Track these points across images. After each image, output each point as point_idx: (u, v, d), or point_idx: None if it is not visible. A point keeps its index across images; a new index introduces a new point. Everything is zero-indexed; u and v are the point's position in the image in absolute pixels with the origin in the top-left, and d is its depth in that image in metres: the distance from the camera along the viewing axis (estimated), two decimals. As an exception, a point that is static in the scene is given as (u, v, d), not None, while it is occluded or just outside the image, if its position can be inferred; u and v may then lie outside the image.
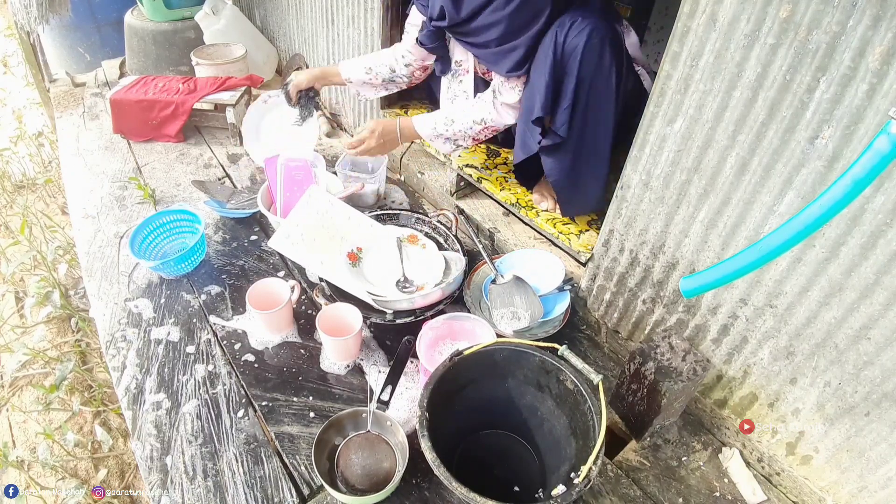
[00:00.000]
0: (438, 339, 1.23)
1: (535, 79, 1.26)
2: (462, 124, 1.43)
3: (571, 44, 1.17)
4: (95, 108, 2.27)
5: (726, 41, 0.88)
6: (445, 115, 1.46)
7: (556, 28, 1.19)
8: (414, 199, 1.84)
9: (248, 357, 1.25)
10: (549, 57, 1.19)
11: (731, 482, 1.09)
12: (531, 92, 1.28)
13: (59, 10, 2.18)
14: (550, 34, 1.20)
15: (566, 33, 1.17)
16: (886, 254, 0.81)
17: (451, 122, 1.45)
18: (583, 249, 1.39)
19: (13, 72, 3.45)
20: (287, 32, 2.39)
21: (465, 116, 1.43)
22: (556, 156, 1.30)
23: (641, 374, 1.07)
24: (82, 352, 1.89)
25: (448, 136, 1.46)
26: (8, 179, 2.64)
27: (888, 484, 0.94)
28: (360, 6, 1.77)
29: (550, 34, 1.20)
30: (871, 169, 0.61)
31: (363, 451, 1.05)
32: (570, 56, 1.18)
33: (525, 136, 1.33)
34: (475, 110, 1.42)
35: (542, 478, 1.04)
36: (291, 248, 1.33)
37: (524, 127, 1.32)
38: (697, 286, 0.82)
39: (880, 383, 0.89)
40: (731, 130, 0.93)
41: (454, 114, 1.45)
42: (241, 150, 2.04)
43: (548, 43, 1.21)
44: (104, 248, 1.56)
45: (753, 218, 0.95)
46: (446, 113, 1.46)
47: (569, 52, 1.18)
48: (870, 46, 0.74)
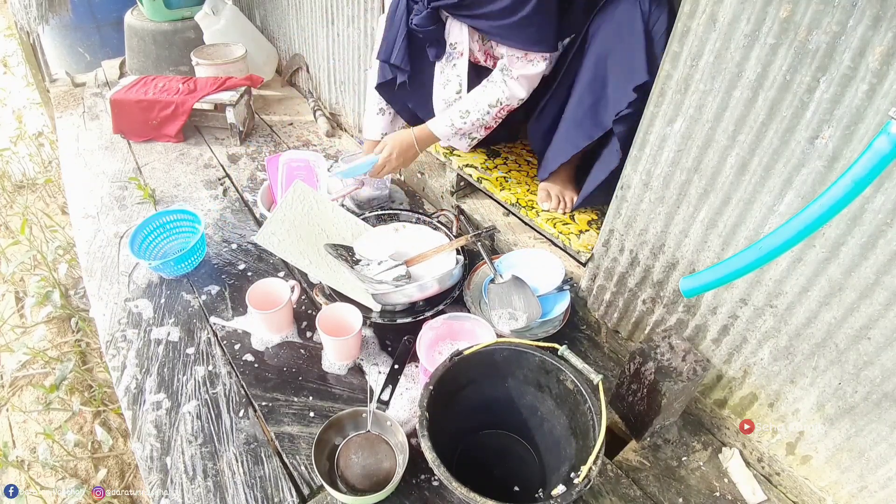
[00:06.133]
0: (438, 339, 1.23)
1: (614, 51, 1.23)
2: (478, 113, 1.42)
3: (655, 14, 1.18)
4: (95, 108, 2.27)
5: (726, 41, 0.88)
6: (458, 109, 1.45)
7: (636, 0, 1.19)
8: (414, 200, 1.84)
9: (248, 357, 1.25)
10: (637, 26, 1.18)
11: (731, 482, 1.09)
12: (605, 68, 1.25)
13: (59, 10, 2.18)
14: (628, 5, 1.19)
15: (649, 2, 1.18)
16: (886, 254, 0.81)
17: (467, 114, 1.44)
18: (583, 249, 1.39)
19: (13, 72, 3.45)
20: (287, 32, 2.39)
21: (478, 104, 1.42)
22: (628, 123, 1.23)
23: (641, 374, 1.07)
24: (82, 352, 1.89)
25: (466, 129, 1.46)
26: (8, 179, 2.64)
27: (888, 484, 0.94)
28: (360, 6, 1.78)
29: (628, 5, 1.19)
30: (871, 169, 0.61)
31: (363, 451, 1.05)
32: (656, 25, 1.18)
33: (596, 115, 1.29)
34: (488, 94, 1.41)
35: (542, 478, 1.04)
36: (278, 245, 1.31)
37: (592, 107, 1.29)
38: (697, 286, 0.82)
39: (880, 383, 0.89)
40: (731, 130, 0.93)
41: (466, 105, 1.44)
42: (241, 149, 2.05)
43: (630, 14, 1.19)
44: (104, 248, 1.56)
45: (753, 218, 0.95)
46: (458, 107, 1.45)
47: (654, 21, 1.18)
48: (870, 46, 0.74)
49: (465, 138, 1.48)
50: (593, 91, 1.29)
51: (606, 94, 1.26)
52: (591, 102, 1.30)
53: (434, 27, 1.41)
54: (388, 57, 1.46)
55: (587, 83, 1.30)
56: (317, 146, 2.10)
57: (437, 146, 1.71)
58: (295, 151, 1.68)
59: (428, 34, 1.42)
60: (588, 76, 1.30)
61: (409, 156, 1.52)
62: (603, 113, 1.28)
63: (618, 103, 1.23)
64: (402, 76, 1.48)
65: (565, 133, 1.40)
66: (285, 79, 2.52)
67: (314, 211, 1.41)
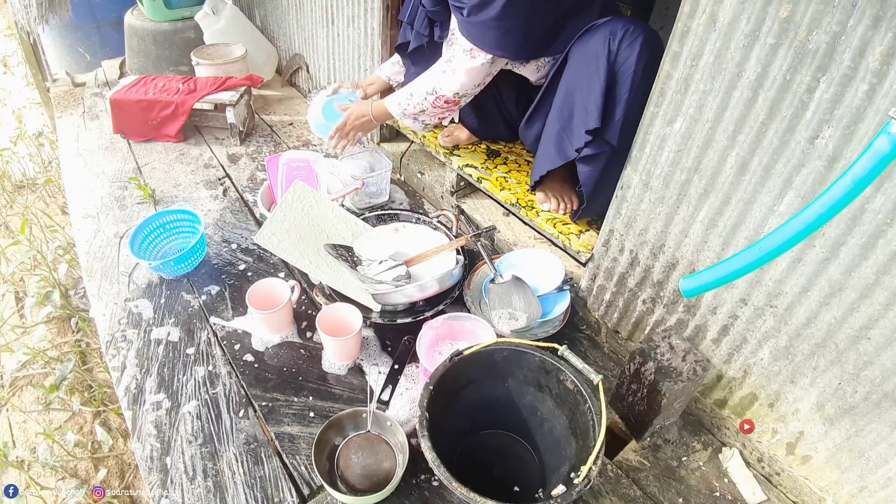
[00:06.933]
0: (438, 339, 1.23)
1: (580, 85, 1.23)
2: (418, 97, 1.44)
3: (625, 53, 1.15)
4: (95, 108, 2.27)
5: (726, 41, 0.88)
6: (407, 90, 1.47)
7: (608, 35, 1.16)
8: (414, 199, 1.84)
9: (248, 357, 1.25)
10: (601, 64, 1.17)
11: (731, 482, 1.09)
12: (572, 98, 1.25)
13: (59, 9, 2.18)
14: (599, 40, 1.17)
15: (619, 41, 1.15)
16: (886, 254, 0.81)
17: (411, 96, 1.46)
18: (583, 249, 1.39)
19: (13, 72, 3.45)
20: (287, 32, 2.39)
21: (419, 89, 1.44)
22: (593, 164, 1.28)
23: (641, 374, 1.07)
24: (82, 352, 1.89)
25: (410, 111, 1.48)
26: (8, 179, 2.64)
27: (888, 484, 0.94)
28: (360, 6, 1.78)
29: (599, 40, 1.17)
30: (871, 169, 0.61)
31: (363, 451, 1.05)
32: (624, 65, 1.16)
33: (561, 142, 1.30)
34: (425, 81, 1.43)
35: (542, 478, 1.04)
36: (278, 245, 1.31)
37: (559, 133, 1.30)
38: (697, 286, 0.82)
39: (880, 383, 0.89)
40: (731, 130, 0.93)
41: (411, 87, 1.46)
42: (241, 149, 2.05)
43: (598, 49, 1.17)
44: (104, 248, 1.56)
45: (753, 218, 0.95)
46: (407, 88, 1.47)
47: (622, 61, 1.16)
48: (870, 46, 0.74)
49: (416, 122, 1.51)
50: (561, 119, 1.30)
51: (571, 125, 1.27)
52: (557, 129, 1.31)
53: (439, 8, 1.43)
54: (411, 20, 1.50)
55: (557, 109, 1.31)
56: (317, 146, 2.10)
57: (437, 146, 1.71)
58: (295, 151, 1.68)
59: (434, 14, 1.45)
60: (559, 102, 1.31)
61: (366, 125, 1.61)
62: (567, 143, 1.29)
63: (578, 139, 1.25)
64: (420, 41, 1.52)
65: (541, 150, 1.40)
66: (285, 79, 2.52)
67: (314, 211, 1.41)
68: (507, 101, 1.61)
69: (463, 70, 1.36)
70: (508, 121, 1.67)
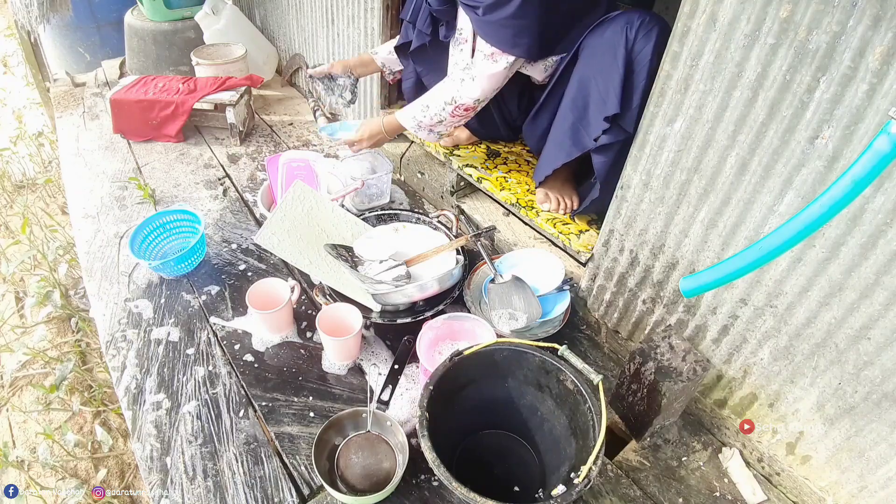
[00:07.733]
0: (438, 339, 1.23)
1: (595, 75, 1.24)
2: (435, 108, 1.44)
3: (641, 42, 1.17)
4: (95, 108, 2.27)
5: (726, 41, 0.88)
6: (421, 102, 1.46)
7: (625, 25, 1.18)
8: (414, 199, 1.84)
9: (247, 357, 1.25)
10: (619, 53, 1.18)
11: (731, 482, 1.09)
12: (587, 90, 1.26)
13: (60, 9, 2.18)
14: (616, 30, 1.18)
15: (636, 30, 1.17)
16: (886, 254, 0.81)
17: (427, 108, 1.45)
18: (583, 249, 1.39)
19: (13, 72, 3.45)
20: (287, 32, 2.39)
21: (436, 100, 1.43)
22: (607, 154, 1.27)
23: (641, 374, 1.07)
24: (82, 352, 1.89)
25: (427, 123, 1.47)
26: (8, 179, 2.64)
27: (888, 484, 0.94)
28: (360, 6, 1.78)
29: (616, 30, 1.18)
30: (871, 169, 0.61)
31: (363, 451, 1.05)
32: (641, 53, 1.17)
33: (577, 133, 1.30)
34: (443, 91, 1.42)
35: (542, 478, 1.04)
36: (278, 245, 1.31)
37: (574, 124, 1.30)
38: (697, 286, 0.82)
39: (880, 383, 0.89)
40: (731, 130, 0.93)
41: (427, 99, 1.45)
42: (241, 149, 2.05)
43: (616, 39, 1.18)
44: (104, 248, 1.56)
45: (753, 218, 0.95)
46: (421, 100, 1.47)
47: (639, 49, 1.17)
48: (870, 46, 0.74)
49: (431, 133, 1.50)
50: (575, 110, 1.30)
51: (587, 115, 1.27)
52: (572, 121, 1.31)
53: (446, 7, 1.42)
54: (414, 19, 1.49)
55: (570, 101, 1.31)
56: (317, 146, 2.10)
57: (436, 146, 1.71)
58: (295, 151, 1.68)
59: (440, 13, 1.44)
60: (572, 94, 1.31)
61: (379, 140, 1.63)
62: (583, 133, 1.29)
63: (595, 128, 1.25)
64: (422, 40, 1.51)
65: (551, 145, 1.40)
66: (285, 79, 2.52)
67: (314, 211, 1.41)
68: (508, 100, 1.61)
69: (485, 76, 1.36)
70: (508, 121, 1.67)
